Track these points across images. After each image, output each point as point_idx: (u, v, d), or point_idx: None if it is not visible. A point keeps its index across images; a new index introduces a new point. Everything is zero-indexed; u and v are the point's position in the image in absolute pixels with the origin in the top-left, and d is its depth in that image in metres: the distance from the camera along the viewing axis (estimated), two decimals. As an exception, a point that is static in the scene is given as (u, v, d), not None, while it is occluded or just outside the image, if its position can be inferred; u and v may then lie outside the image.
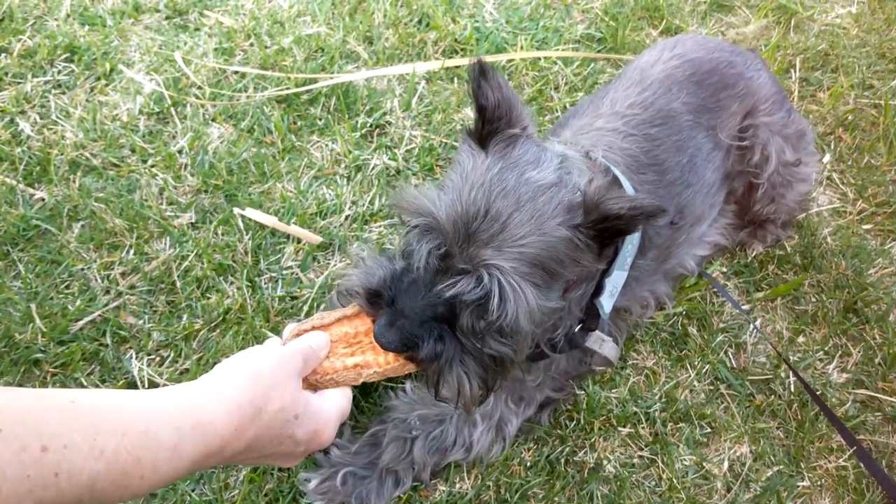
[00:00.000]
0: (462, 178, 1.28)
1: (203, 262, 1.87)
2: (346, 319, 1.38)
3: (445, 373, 1.31)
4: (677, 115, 1.73)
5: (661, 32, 2.63)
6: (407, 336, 1.27)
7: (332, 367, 1.31)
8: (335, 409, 1.25)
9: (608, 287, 1.55)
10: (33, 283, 1.80)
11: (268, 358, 1.15)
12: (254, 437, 1.07)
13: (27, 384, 1.66)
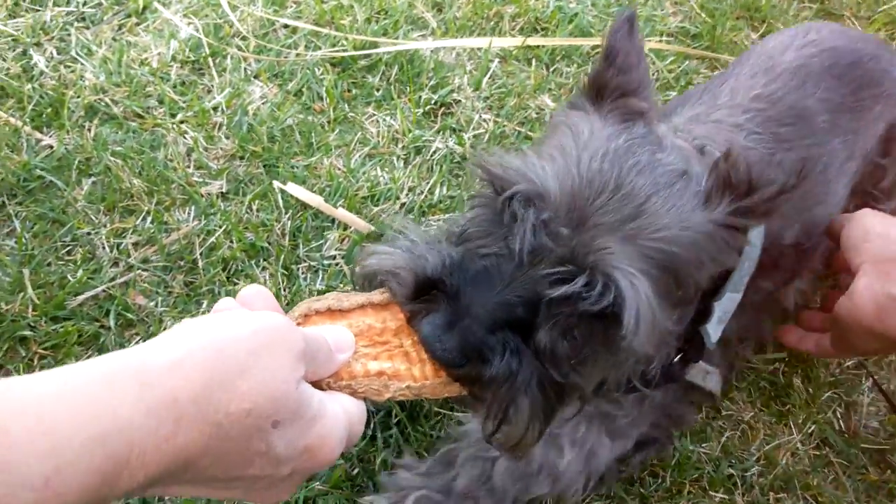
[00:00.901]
0: (576, 142, 1.00)
1: (232, 240, 1.58)
2: (370, 308, 0.95)
3: (520, 402, 0.95)
4: (812, 115, 1.41)
5: (760, 35, 2.33)
6: (473, 344, 0.91)
7: (350, 371, 0.86)
8: (343, 418, 0.77)
9: (717, 312, 1.20)
10: (29, 245, 1.51)
11: (241, 326, 0.70)
12: (200, 452, 0.64)
13: (9, 365, 1.37)
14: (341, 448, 0.77)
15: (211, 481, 0.70)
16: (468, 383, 0.95)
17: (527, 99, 1.98)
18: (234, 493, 0.74)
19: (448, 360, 0.91)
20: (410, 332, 0.94)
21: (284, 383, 0.69)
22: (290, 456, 0.72)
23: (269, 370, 0.68)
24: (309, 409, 0.72)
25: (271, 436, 0.69)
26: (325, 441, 0.74)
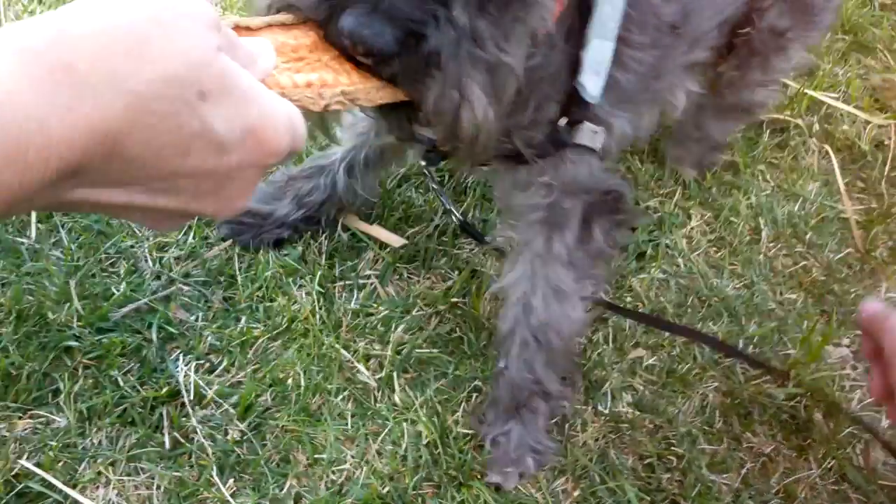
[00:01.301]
0: None
1: (270, 256, 1.62)
2: (277, 28, 0.87)
3: (466, 79, 0.87)
4: None
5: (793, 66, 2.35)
6: (403, 21, 0.83)
7: (277, 83, 0.76)
8: (282, 105, 0.67)
9: (588, 61, 1.15)
10: (75, 256, 1.56)
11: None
12: (121, 127, 0.53)
13: (55, 374, 1.42)
14: (287, 139, 0.66)
15: (149, 179, 0.59)
16: (406, 78, 0.86)
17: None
18: (181, 200, 0.63)
19: (381, 45, 0.82)
20: (327, 48, 0.87)
21: (200, 48, 0.58)
22: (232, 138, 0.61)
23: (179, 33, 0.58)
24: (239, 82, 0.62)
25: (201, 109, 0.58)
26: (267, 123, 0.64)
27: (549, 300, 1.37)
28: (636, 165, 1.98)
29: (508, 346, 1.43)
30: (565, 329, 1.41)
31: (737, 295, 1.80)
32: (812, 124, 2.19)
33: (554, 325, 1.39)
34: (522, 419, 1.46)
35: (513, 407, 1.46)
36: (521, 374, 1.42)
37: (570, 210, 1.33)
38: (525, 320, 1.39)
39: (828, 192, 2.06)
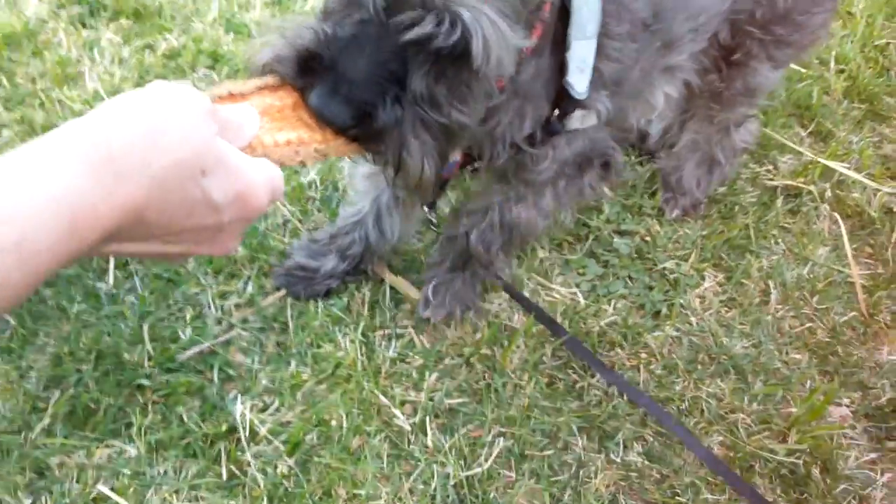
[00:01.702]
0: None
1: (319, 306, 1.81)
2: (267, 90, 1.07)
3: (410, 144, 1.10)
4: None
5: (809, 133, 2.50)
6: (357, 103, 1.04)
7: (262, 142, 0.97)
8: (262, 171, 0.88)
9: (573, 62, 1.36)
10: (148, 301, 1.75)
11: (159, 95, 0.79)
12: (144, 204, 0.75)
13: (128, 408, 1.61)
14: (268, 198, 0.88)
15: (162, 235, 0.81)
16: (364, 141, 1.09)
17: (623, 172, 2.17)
18: (185, 247, 0.85)
19: (339, 122, 1.04)
20: (306, 107, 1.06)
21: (201, 137, 0.79)
22: (225, 202, 0.82)
23: (185, 126, 0.78)
24: (230, 160, 0.83)
25: (203, 182, 0.79)
26: (252, 189, 0.85)
27: (529, 208, 1.63)
28: (655, 228, 2.13)
29: (476, 220, 1.68)
30: (528, 230, 1.69)
31: (745, 354, 1.94)
32: (824, 191, 2.33)
33: (522, 225, 1.66)
34: (464, 278, 1.79)
35: (460, 265, 1.78)
36: (477, 246, 1.70)
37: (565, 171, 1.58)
38: (500, 211, 1.64)
39: (836, 257, 2.20)
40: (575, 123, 1.46)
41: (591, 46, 1.35)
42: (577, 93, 1.37)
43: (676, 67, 1.70)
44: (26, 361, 1.63)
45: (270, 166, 0.91)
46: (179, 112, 0.78)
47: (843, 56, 2.71)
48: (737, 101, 1.94)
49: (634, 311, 1.97)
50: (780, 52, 1.82)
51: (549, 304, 1.93)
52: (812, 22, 1.79)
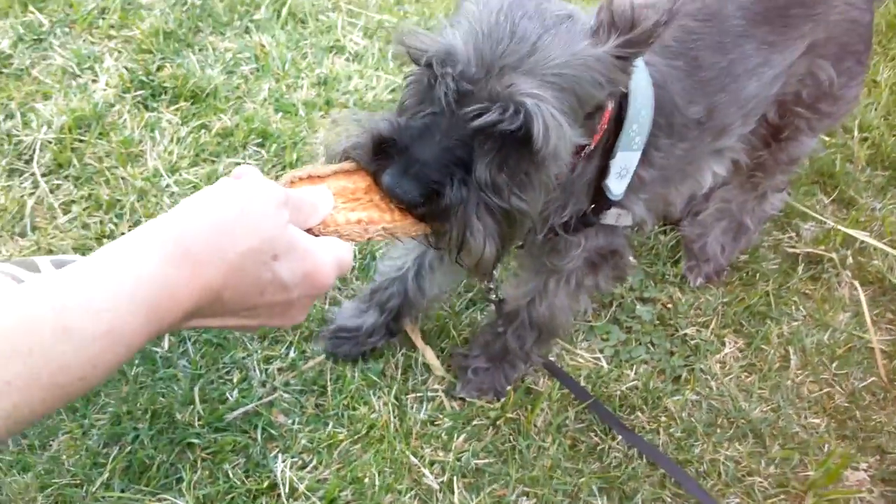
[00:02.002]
0: (477, 6, 1.23)
1: (356, 370, 1.94)
2: (342, 174, 1.19)
3: (473, 225, 1.20)
4: (726, 18, 1.65)
5: (832, 200, 2.58)
6: (427, 182, 1.15)
7: (334, 220, 1.08)
8: (330, 251, 0.99)
9: (614, 168, 1.50)
10: (199, 365, 1.90)
11: (233, 190, 0.91)
12: (221, 286, 0.87)
13: (179, 464, 1.75)
14: (334, 275, 0.99)
15: (238, 311, 0.92)
16: (430, 220, 1.19)
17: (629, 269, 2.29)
18: (259, 320, 0.96)
19: (409, 199, 1.15)
20: (378, 190, 1.18)
21: (273, 226, 0.91)
22: (294, 282, 0.93)
23: (259, 217, 0.89)
24: (300, 244, 0.94)
25: (273, 265, 0.90)
26: (319, 268, 0.96)
27: (551, 308, 1.80)
28: (677, 296, 2.23)
29: (511, 319, 1.87)
30: (555, 327, 1.88)
31: (763, 418, 2.01)
32: (846, 258, 2.40)
33: (547, 323, 1.85)
34: (501, 367, 1.94)
35: (499, 357, 1.93)
36: (513, 342, 1.89)
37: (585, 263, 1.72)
38: (528, 311, 1.83)
39: (857, 323, 2.26)
40: (610, 220, 1.62)
41: (636, 157, 1.51)
42: (612, 195, 1.53)
43: (726, 149, 1.84)
44: (89, 420, 1.79)
45: (338, 245, 1.02)
46: (252, 204, 0.90)
47: (866, 124, 2.80)
48: (780, 169, 2.06)
49: (655, 375, 2.06)
50: (821, 124, 1.95)
51: (574, 369, 2.04)
52: (850, 94, 1.92)
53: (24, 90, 2.41)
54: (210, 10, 2.75)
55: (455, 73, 1.16)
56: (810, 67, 1.79)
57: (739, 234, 2.28)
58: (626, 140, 1.46)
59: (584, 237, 1.63)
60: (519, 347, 1.89)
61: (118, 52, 2.58)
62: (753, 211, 2.23)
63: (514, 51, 1.16)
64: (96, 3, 2.71)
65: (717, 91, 1.65)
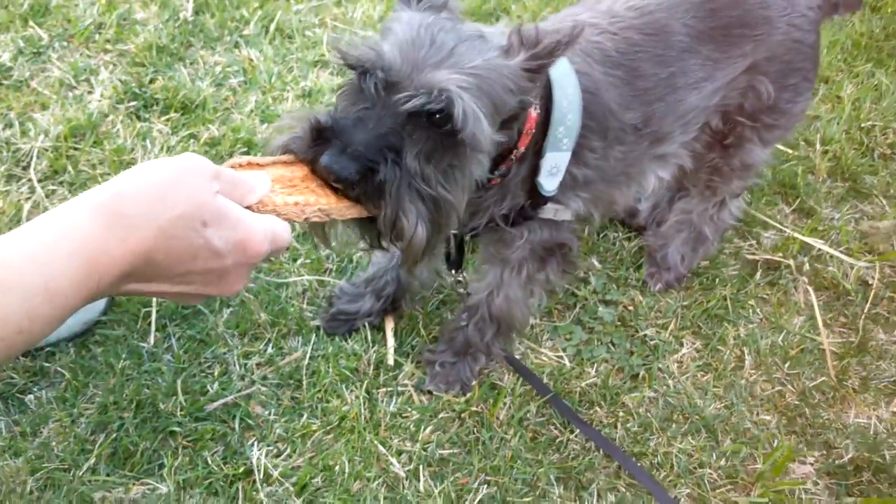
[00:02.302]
0: (400, 23, 1.39)
1: (330, 366, 2.06)
2: (281, 164, 1.29)
3: (406, 207, 1.30)
4: (672, 33, 1.78)
5: (793, 210, 2.70)
6: (363, 160, 1.25)
7: (272, 201, 1.14)
8: (262, 223, 1.05)
9: (545, 167, 1.63)
10: (182, 359, 2.02)
11: (167, 161, 0.98)
12: (152, 248, 0.93)
13: (161, 451, 1.86)
14: (267, 246, 1.04)
15: (172, 276, 0.98)
16: (365, 200, 1.27)
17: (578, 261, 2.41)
18: (195, 287, 1.02)
19: (346, 175, 1.23)
20: (314, 179, 1.27)
21: (202, 194, 0.97)
22: (226, 248, 0.99)
23: (189, 186, 0.96)
24: (231, 213, 1.00)
25: (205, 231, 0.96)
26: (251, 237, 1.01)
27: (507, 300, 1.94)
28: (638, 299, 2.35)
29: (471, 314, 2.01)
30: (512, 320, 2.01)
31: (716, 414, 2.13)
32: (802, 264, 2.52)
33: (505, 316, 1.99)
34: (465, 360, 2.06)
35: (462, 351, 2.06)
36: (474, 335, 2.02)
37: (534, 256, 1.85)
38: (487, 305, 1.97)
39: (811, 326, 2.38)
40: (548, 214, 1.75)
41: (566, 157, 1.64)
42: (545, 191, 1.66)
43: (669, 155, 1.97)
44: (77, 409, 1.91)
45: (272, 220, 1.08)
46: (185, 175, 0.97)
47: (828, 137, 2.92)
48: (735, 175, 2.18)
49: (615, 373, 2.18)
50: (770, 135, 2.07)
51: (537, 366, 2.16)
52: (796, 109, 2.04)
53: (23, 101, 2.55)
54: (202, 26, 2.89)
55: (384, 69, 1.31)
56: (752, 83, 1.91)
57: (698, 245, 2.40)
58: (554, 141, 1.60)
59: (527, 230, 1.77)
60: (480, 340, 2.02)
61: (113, 65, 2.72)
62: (713, 220, 2.34)
63: (434, 54, 1.32)
64: (93, 18, 2.85)
65: (655, 100, 1.78)
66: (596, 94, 1.66)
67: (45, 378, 1.96)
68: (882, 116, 3.04)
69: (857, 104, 3.07)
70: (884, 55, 3.34)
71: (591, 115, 1.65)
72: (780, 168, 2.78)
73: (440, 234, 1.40)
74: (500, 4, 3.22)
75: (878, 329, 2.41)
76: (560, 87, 1.58)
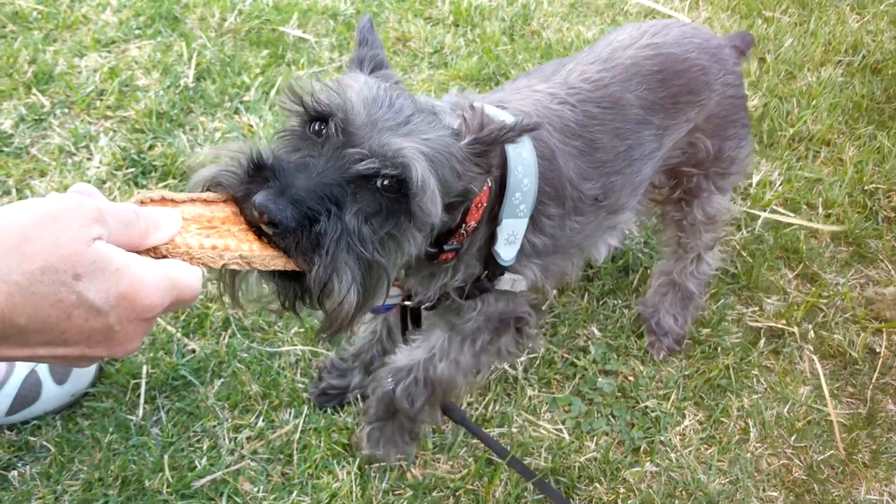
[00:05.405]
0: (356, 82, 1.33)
1: (321, 440, 2.01)
2: (200, 202, 1.12)
3: (340, 262, 1.16)
4: (627, 106, 1.78)
5: (796, 275, 2.66)
6: (303, 207, 1.12)
7: (186, 243, 0.99)
8: (158, 271, 0.89)
9: (502, 235, 1.57)
10: (170, 433, 1.98)
11: (29, 206, 0.82)
12: (8, 308, 0.77)
13: (145, 531, 1.81)
14: (162, 297, 0.88)
15: (47, 342, 0.83)
16: (297, 253, 1.12)
17: (576, 328, 2.37)
18: (77, 350, 0.86)
19: (282, 219, 1.08)
20: (237, 222, 1.12)
21: (73, 242, 0.80)
22: (107, 304, 0.83)
23: (56, 234, 0.80)
24: (110, 263, 0.83)
25: (77, 286, 0.80)
26: (138, 288, 0.85)
27: (451, 366, 1.81)
28: (639, 368, 2.30)
29: (401, 377, 1.85)
30: (449, 386, 1.86)
31: (721, 490, 2.06)
32: (807, 332, 2.47)
33: (444, 382, 1.84)
34: (392, 426, 1.93)
35: (386, 416, 1.92)
36: (402, 400, 1.86)
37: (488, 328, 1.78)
38: (424, 368, 1.82)
39: (817, 396, 2.32)
40: (505, 285, 1.69)
41: (523, 224, 1.59)
42: (503, 260, 1.61)
43: (621, 223, 1.97)
44: (62, 486, 1.86)
45: (173, 267, 0.92)
46: (52, 219, 0.81)
47: (831, 201, 2.89)
48: (702, 227, 2.20)
49: (615, 447, 2.12)
50: (724, 182, 2.11)
51: (535, 440, 2.10)
52: (742, 154, 2.09)
53: (22, 167, 2.55)
54: (202, 92, 2.91)
55: (345, 115, 1.25)
56: (691, 140, 1.97)
57: (687, 302, 2.37)
58: (510, 207, 1.56)
59: (482, 301, 1.70)
60: (408, 406, 1.86)
61: (113, 131, 2.73)
62: (693, 274, 2.33)
63: (392, 118, 1.28)
64: (95, 85, 2.87)
65: (614, 173, 1.78)
66: (552, 160, 1.64)
67: (30, 453, 1.91)
68: (885, 179, 3.02)
69: (860, 167, 3.05)
70: (885, 117, 3.33)
71: (548, 182, 1.63)
72: (782, 232, 2.75)
73: (368, 302, 1.27)
74: (499, 69, 3.24)
75: (888, 400, 2.34)
76: (515, 151, 1.55)
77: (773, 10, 3.87)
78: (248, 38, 3.19)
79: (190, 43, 3.09)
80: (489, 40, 3.38)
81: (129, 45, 3.08)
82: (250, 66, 3.06)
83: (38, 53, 2.94)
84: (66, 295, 0.80)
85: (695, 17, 3.77)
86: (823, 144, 3.17)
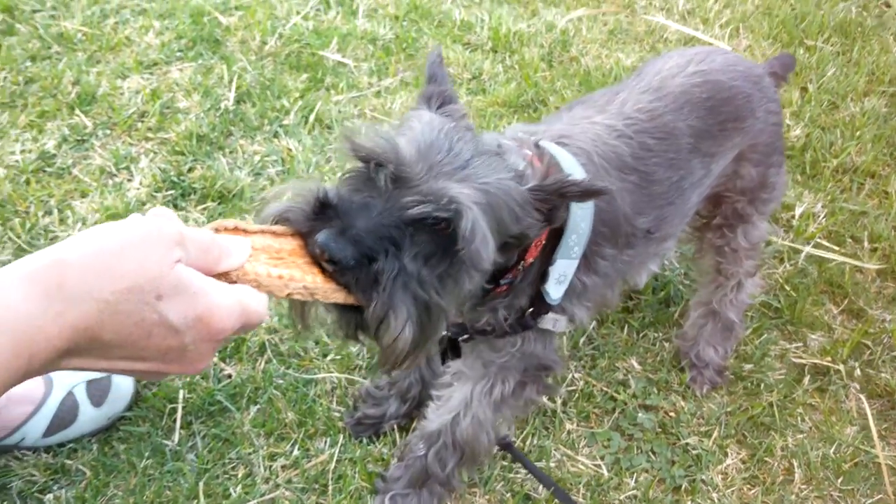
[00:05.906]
0: (420, 122, 1.35)
1: (357, 470, 1.98)
2: (270, 234, 1.17)
3: (397, 300, 1.18)
4: (679, 135, 1.78)
5: (841, 310, 2.60)
6: (362, 247, 1.15)
7: (255, 272, 1.04)
8: (232, 296, 0.93)
9: (553, 274, 1.56)
10: (206, 459, 1.96)
11: (120, 227, 0.88)
12: (96, 324, 0.82)
13: (179, 559, 1.79)
14: (234, 322, 0.93)
15: (127, 356, 0.88)
16: (356, 288, 1.16)
17: (616, 361, 2.33)
18: (152, 364, 0.91)
19: (342, 257, 1.13)
20: (303, 255, 1.17)
21: (158, 265, 0.86)
22: (184, 324, 0.88)
23: (143, 256, 0.85)
24: (190, 286, 0.88)
25: (159, 307, 0.85)
26: (213, 312, 0.90)
27: (474, 424, 1.79)
28: (680, 404, 2.25)
29: (432, 441, 1.85)
30: (478, 445, 1.84)
31: (766, 533, 2.00)
32: (853, 369, 2.41)
33: (471, 443, 1.82)
34: (420, 494, 1.89)
35: (419, 483, 1.89)
36: (434, 465, 1.85)
37: (517, 370, 1.76)
38: (451, 431, 1.82)
39: (864, 437, 2.25)
40: (547, 324, 1.67)
41: (574, 265, 1.58)
42: (551, 299, 1.59)
43: (666, 249, 1.96)
44: (96, 511, 1.85)
45: (245, 292, 0.97)
46: (139, 241, 0.86)
47: (876, 234, 2.83)
48: (744, 254, 2.18)
49: (655, 485, 2.07)
50: (766, 207, 2.12)
51: (574, 475, 2.06)
52: (780, 180, 2.10)
53: (63, 188, 2.57)
54: (242, 115, 2.92)
55: (397, 164, 1.25)
56: (736, 168, 1.96)
57: (727, 331, 2.33)
58: (566, 249, 1.55)
59: (521, 339, 1.69)
60: (441, 471, 1.85)
61: (153, 153, 2.74)
62: (733, 303, 2.29)
63: (450, 162, 1.28)
64: (137, 107, 2.90)
65: (666, 204, 1.77)
66: (611, 201, 1.63)
67: (66, 476, 1.90)
68: (932, 213, 2.95)
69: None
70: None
71: (604, 222, 1.62)
72: (826, 266, 2.69)
73: (426, 341, 1.27)
74: (537, 95, 3.22)
75: (938, 442, 2.27)
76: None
77: (815, 38, 3.82)
78: (288, 62, 3.21)
79: (230, 66, 3.11)
80: (528, 66, 3.36)
81: (170, 68, 3.11)
82: (290, 89, 3.07)
83: (82, 74, 2.98)
84: (149, 314, 0.86)
85: (735, 45, 3.74)
86: (868, 176, 3.11)
